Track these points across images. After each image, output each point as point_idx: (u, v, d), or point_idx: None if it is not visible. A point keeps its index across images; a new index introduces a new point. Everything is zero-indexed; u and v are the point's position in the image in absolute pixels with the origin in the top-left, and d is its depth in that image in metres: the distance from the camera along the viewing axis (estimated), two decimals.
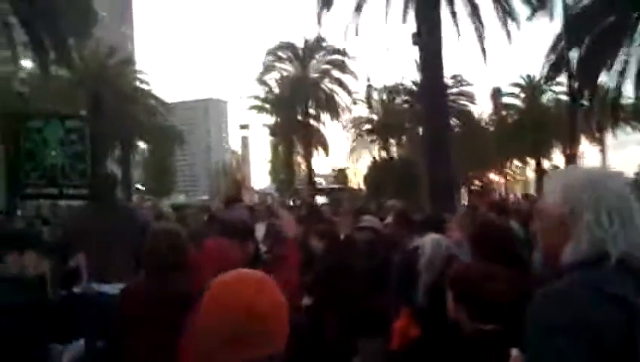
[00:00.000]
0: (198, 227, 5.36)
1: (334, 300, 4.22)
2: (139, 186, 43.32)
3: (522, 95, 39.81)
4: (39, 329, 2.15)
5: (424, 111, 15.69)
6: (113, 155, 35.63)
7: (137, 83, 37.53)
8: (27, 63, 24.50)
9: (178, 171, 57.39)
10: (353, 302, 4.18)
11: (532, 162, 40.34)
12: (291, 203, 16.45)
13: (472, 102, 38.20)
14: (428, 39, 14.14)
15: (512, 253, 2.84)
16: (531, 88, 37.67)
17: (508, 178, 46.60)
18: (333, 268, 4.47)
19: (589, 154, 37.00)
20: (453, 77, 35.40)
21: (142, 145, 40.74)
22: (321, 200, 25.28)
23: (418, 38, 14.43)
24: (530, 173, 43.02)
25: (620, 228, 1.30)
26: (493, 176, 46.55)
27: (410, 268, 3.47)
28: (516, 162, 44.08)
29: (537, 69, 22.12)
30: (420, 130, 25.11)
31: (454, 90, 36.52)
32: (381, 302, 3.79)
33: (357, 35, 17.55)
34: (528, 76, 38.64)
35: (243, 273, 1.34)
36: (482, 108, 42.25)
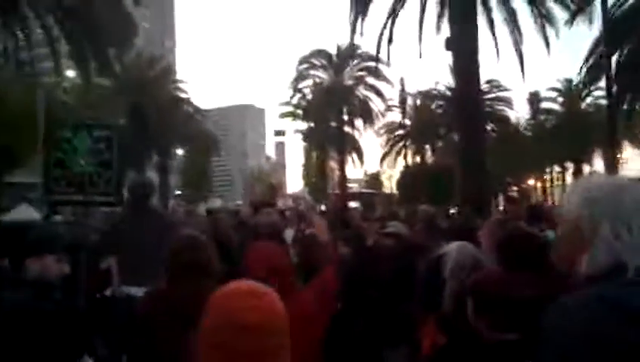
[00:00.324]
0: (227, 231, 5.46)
1: (360, 307, 4.25)
2: (178, 192, 44.16)
3: (561, 99, 38.97)
4: (63, 332, 2.24)
5: (458, 117, 15.52)
6: (152, 162, 36.48)
7: (176, 92, 38.41)
8: (70, 73, 25.40)
9: (215, 177, 58.20)
10: (379, 309, 4.20)
11: (572, 167, 39.36)
12: (323, 208, 16.47)
13: (510, 107, 37.62)
14: (462, 44, 14.02)
15: (537, 260, 2.81)
16: (570, 92, 36.84)
17: (547, 183, 45.54)
18: (358, 274, 4.50)
19: (633, 159, 35.90)
20: (489, 82, 34.92)
21: (180, 151, 41.60)
22: (353, 205, 25.26)
23: (452, 43, 14.33)
24: (570, 179, 42.00)
25: (638, 240, 1.27)
26: (531, 182, 45.59)
27: (436, 274, 3.48)
28: (556, 167, 43.07)
29: (577, 73, 21.61)
30: (456, 135, 24.79)
31: (491, 96, 36.04)
32: (407, 309, 3.80)
33: (391, 42, 17.47)
34: (567, 80, 37.83)
35: (242, 285, 1.34)
36: (520, 113, 41.53)
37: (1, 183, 24.88)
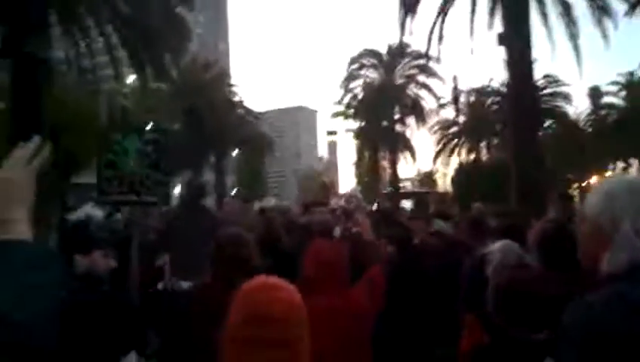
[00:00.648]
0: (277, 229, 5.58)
1: (406, 305, 4.25)
2: (233, 192, 45.11)
3: (623, 93, 37.18)
4: (110, 323, 2.39)
5: (512, 112, 15.12)
6: (209, 163, 37.47)
7: (230, 95, 39.27)
8: (129, 80, 26.47)
9: (269, 177, 59.12)
10: (424, 307, 4.19)
11: (636, 163, 37.49)
12: (375, 207, 16.42)
13: (568, 102, 36.24)
14: (515, 40, 13.67)
15: (573, 258, 2.75)
16: (632, 86, 35.08)
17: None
18: (403, 273, 4.50)
19: None
20: (545, 77, 33.79)
21: (235, 153, 42.48)
22: (406, 203, 25.03)
23: (504, 39, 13.99)
24: (634, 175, 40.05)
25: None
26: (593, 179, 43.76)
27: (480, 273, 3.45)
28: (619, 163, 41.13)
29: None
30: None
31: (548, 91, 34.85)
32: (452, 308, 3.78)
33: (441, 40, 17.25)
34: (630, 73, 36.05)
35: (265, 280, 1.42)
36: (580, 109, 39.88)
37: (67, 184, 26.23)
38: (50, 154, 1.22)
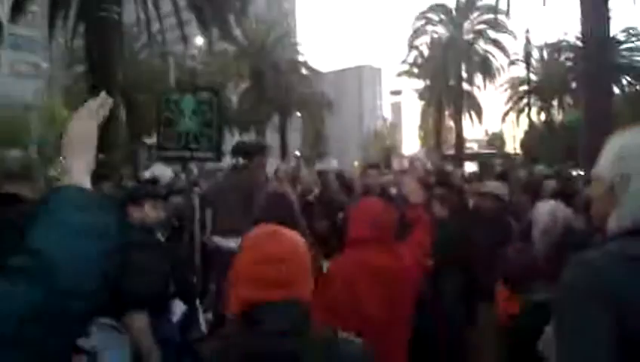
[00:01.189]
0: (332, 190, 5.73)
1: (452, 267, 4.30)
2: (297, 153, 45.68)
3: None
4: (165, 265, 2.64)
5: (584, 67, 14.24)
6: (272, 123, 37.96)
7: (294, 55, 39.27)
8: (197, 42, 27.01)
9: (331, 138, 59.17)
10: (470, 270, 4.24)
11: None
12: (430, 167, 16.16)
13: None
14: None
15: None
16: None
17: None
18: (456, 235, 4.53)
19: None
20: (626, 30, 31.46)
21: (298, 113, 42.73)
22: (471, 166, 24.50)
23: None
24: None
25: None
26: None
27: (527, 238, 3.45)
28: None
29: None
30: None
31: (628, 45, 32.50)
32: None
33: None
34: None
35: (267, 227, 1.59)
36: None
37: (139, 143, 27.50)
38: (122, 113, 1.33)
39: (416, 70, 37.06)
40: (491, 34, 34.46)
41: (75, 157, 1.17)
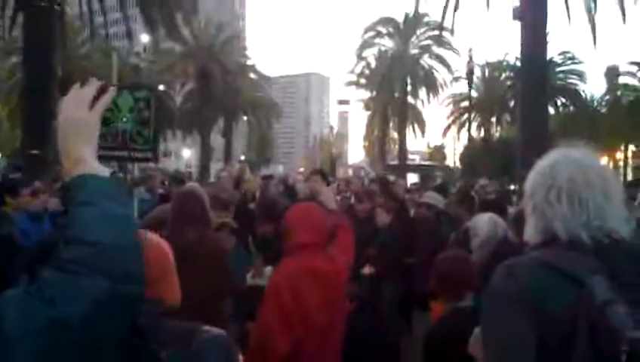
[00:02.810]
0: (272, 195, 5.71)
1: (393, 273, 4.38)
2: (242, 157, 45.29)
3: None
4: None
5: (522, 86, 14.89)
6: (217, 126, 37.44)
7: (243, 58, 38.97)
8: (143, 39, 26.37)
9: (277, 143, 59.10)
10: (411, 276, 4.32)
11: None
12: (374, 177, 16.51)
13: (582, 80, 35.61)
14: (530, 13, 13.43)
15: None
16: None
17: (619, 163, 43.11)
18: (398, 242, 4.62)
19: None
20: (562, 53, 33.20)
21: (245, 117, 42.40)
22: (413, 177, 25.08)
23: (520, 13, 13.77)
24: None
25: (568, 210, 1.34)
26: (604, 160, 43.36)
27: (463, 247, 3.53)
28: (631, 146, 40.63)
29: None
30: None
31: (563, 68, 34.30)
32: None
33: (457, 9, 16.99)
34: None
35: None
36: (597, 89, 39.25)
37: None
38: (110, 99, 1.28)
39: (363, 81, 37.62)
40: (436, 50, 35.48)
41: (85, 146, 1.19)
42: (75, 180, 1.11)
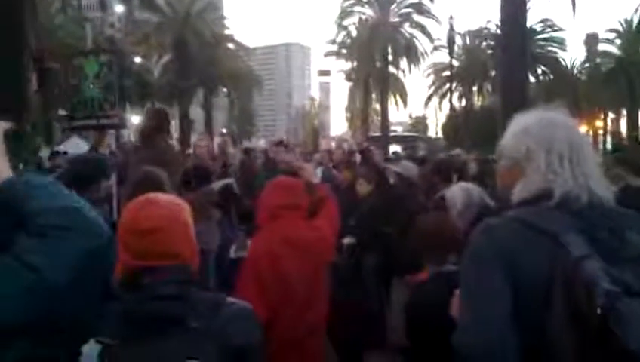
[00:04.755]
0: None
1: (373, 242, 4.38)
2: (223, 130, 44.83)
3: (619, 42, 36.56)
4: None
5: (501, 54, 14.81)
6: (197, 99, 36.92)
7: (221, 28, 38.18)
8: (118, 8, 25.67)
9: (259, 116, 58.65)
10: (391, 244, 4.32)
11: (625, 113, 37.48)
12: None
13: (562, 48, 35.69)
14: None
15: None
16: (629, 35, 34.46)
17: (599, 130, 43.70)
18: (375, 212, 4.62)
19: None
20: (542, 21, 33.14)
21: (225, 89, 41.82)
22: (396, 148, 25.11)
23: None
24: (624, 127, 40.08)
25: (569, 171, 1.36)
26: (583, 128, 43.83)
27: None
28: (610, 114, 41.18)
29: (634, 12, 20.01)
30: None
31: (543, 36, 34.29)
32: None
33: None
34: (627, 21, 35.27)
35: (142, 197, 1.57)
36: (575, 56, 39.45)
37: (55, 114, 25.93)
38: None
39: (344, 51, 37.21)
40: (417, 18, 35.14)
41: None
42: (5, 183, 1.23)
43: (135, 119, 22.89)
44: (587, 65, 38.99)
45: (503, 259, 1.30)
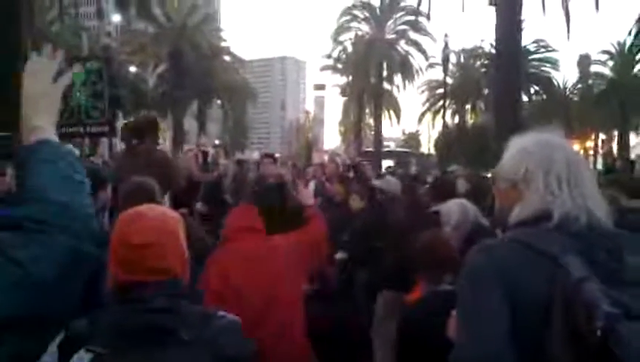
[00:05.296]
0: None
1: (365, 257, 4.36)
2: (216, 142, 44.71)
3: (611, 63, 37.03)
4: None
5: (495, 73, 14.97)
6: (191, 109, 36.90)
7: (217, 40, 38.34)
8: (115, 18, 25.73)
9: (253, 128, 58.68)
10: (381, 260, 4.30)
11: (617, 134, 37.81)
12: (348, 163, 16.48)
13: (556, 68, 36.11)
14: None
15: None
16: (622, 56, 34.90)
17: (589, 151, 44.02)
18: (367, 227, 4.61)
19: None
20: (536, 41, 33.52)
21: (219, 101, 41.83)
22: (389, 163, 25.16)
23: None
24: (615, 147, 40.42)
25: (567, 193, 1.35)
26: (575, 148, 44.06)
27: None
28: (601, 135, 41.50)
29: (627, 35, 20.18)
30: None
31: (536, 56, 34.68)
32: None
33: None
34: (620, 43, 35.73)
35: (132, 211, 1.55)
36: (568, 77, 39.92)
37: None
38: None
39: (340, 65, 37.43)
40: (412, 35, 35.44)
41: (44, 118, 1.23)
42: (35, 144, 1.14)
43: None
44: (580, 85, 39.42)
45: (501, 278, 1.29)
